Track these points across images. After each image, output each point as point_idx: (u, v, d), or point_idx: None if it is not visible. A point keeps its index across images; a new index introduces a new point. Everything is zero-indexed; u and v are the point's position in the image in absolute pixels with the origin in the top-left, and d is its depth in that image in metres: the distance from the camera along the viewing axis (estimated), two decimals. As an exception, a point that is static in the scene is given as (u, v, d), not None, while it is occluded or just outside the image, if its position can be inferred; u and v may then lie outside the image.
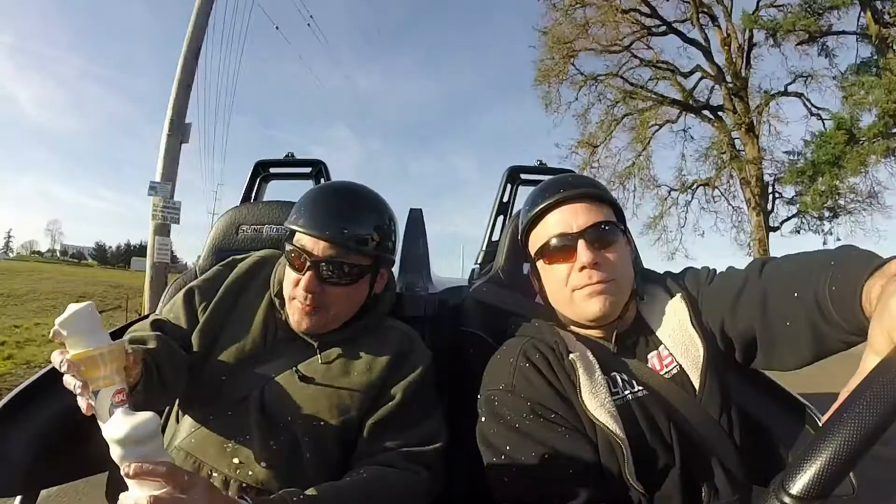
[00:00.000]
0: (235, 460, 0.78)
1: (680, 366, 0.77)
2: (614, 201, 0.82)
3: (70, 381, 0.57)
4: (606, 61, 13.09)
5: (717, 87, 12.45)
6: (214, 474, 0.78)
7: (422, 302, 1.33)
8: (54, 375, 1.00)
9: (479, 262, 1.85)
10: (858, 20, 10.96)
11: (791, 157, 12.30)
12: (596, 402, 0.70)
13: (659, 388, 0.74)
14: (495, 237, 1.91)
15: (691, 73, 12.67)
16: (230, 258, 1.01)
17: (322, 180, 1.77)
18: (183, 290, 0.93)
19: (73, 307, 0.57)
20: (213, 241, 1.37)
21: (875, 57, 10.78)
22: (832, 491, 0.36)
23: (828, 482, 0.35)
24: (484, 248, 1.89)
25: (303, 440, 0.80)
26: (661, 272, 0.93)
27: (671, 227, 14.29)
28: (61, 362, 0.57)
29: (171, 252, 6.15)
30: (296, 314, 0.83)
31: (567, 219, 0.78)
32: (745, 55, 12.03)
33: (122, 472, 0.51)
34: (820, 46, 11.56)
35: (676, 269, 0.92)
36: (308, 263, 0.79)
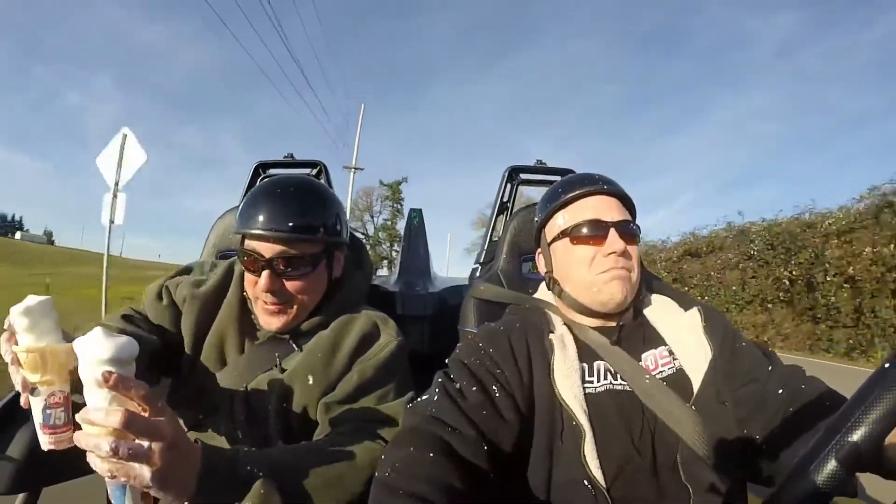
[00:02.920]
0: None
1: (681, 368, 0.78)
2: (634, 209, 0.87)
3: (11, 372, 0.56)
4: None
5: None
6: None
7: (422, 301, 1.34)
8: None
9: (479, 261, 1.85)
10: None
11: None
12: (566, 385, 0.73)
13: (642, 386, 0.74)
14: (496, 237, 1.91)
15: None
16: (211, 262, 1.02)
17: (322, 181, 1.77)
18: (154, 287, 0.93)
19: (31, 298, 0.55)
20: (212, 242, 1.38)
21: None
22: (889, 432, 0.38)
23: (885, 426, 0.37)
24: (485, 247, 1.90)
25: (295, 427, 0.81)
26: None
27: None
28: (5, 352, 0.55)
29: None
30: (263, 315, 0.84)
31: (603, 207, 0.82)
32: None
33: (95, 380, 0.48)
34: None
35: None
36: (262, 263, 0.80)
